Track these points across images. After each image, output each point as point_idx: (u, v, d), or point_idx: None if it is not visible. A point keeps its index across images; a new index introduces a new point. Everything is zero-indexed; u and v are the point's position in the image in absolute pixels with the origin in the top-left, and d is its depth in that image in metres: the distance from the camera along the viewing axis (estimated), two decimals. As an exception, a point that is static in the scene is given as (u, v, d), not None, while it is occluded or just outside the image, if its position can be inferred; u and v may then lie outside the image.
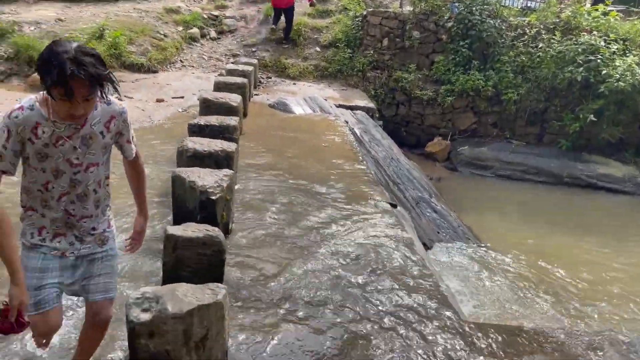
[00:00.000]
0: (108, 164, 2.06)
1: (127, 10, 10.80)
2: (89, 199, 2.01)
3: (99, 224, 2.09)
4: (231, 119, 5.59)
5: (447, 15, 10.34)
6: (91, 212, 2.04)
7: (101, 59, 1.75)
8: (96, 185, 2.01)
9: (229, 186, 3.80)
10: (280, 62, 10.67)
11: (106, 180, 2.07)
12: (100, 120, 1.90)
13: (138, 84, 8.38)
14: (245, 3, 13.20)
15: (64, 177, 1.92)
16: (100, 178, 2.01)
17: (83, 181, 1.95)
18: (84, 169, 1.93)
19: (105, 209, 2.12)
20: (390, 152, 8.15)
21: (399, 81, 10.26)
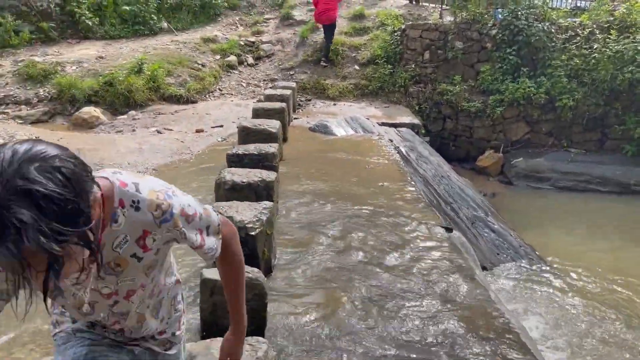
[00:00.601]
0: (169, 269, 1.53)
1: (165, 43, 10.96)
2: (146, 321, 1.50)
3: (165, 328, 1.60)
4: (270, 146, 5.38)
5: (491, 22, 9.92)
6: (152, 328, 1.54)
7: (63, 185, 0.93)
8: (155, 302, 1.50)
9: (269, 220, 3.55)
10: (319, 83, 10.51)
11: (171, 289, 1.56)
12: (127, 238, 1.26)
13: (177, 116, 8.37)
14: (281, 27, 13.21)
15: (97, 308, 1.39)
16: (158, 294, 1.50)
17: (128, 309, 1.42)
18: (123, 296, 1.38)
19: (173, 312, 1.61)
20: (440, 170, 7.75)
21: (443, 94, 9.87)
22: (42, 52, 10.00)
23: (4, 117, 7.88)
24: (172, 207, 1.28)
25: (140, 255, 1.31)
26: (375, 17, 12.46)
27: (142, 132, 7.49)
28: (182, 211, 1.30)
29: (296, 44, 12.03)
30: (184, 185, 5.26)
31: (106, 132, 7.58)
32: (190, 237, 1.34)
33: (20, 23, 10.28)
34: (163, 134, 7.33)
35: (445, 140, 10.19)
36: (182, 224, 1.31)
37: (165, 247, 1.37)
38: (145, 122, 7.98)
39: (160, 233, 1.29)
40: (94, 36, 11.15)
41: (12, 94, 8.50)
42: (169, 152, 6.45)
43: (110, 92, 8.62)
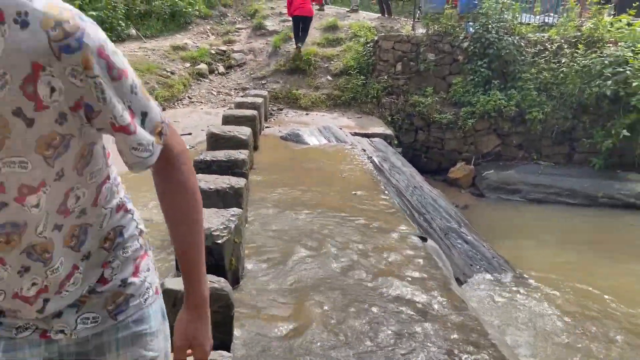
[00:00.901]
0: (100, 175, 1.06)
1: (133, 49, 10.68)
2: (58, 254, 1.00)
3: (110, 274, 1.12)
4: (240, 152, 5.21)
5: (462, 35, 10.01)
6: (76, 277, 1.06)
7: None
8: (73, 225, 1.02)
9: (238, 227, 3.37)
10: (291, 93, 10.39)
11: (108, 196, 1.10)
12: (5, 78, 0.79)
13: (144, 123, 8.10)
14: (254, 36, 13.09)
15: None
16: (79, 215, 1.02)
17: (24, 219, 0.92)
18: (13, 195, 0.89)
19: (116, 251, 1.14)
20: (413, 180, 7.69)
21: (416, 106, 9.88)
22: None
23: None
24: (83, 32, 0.82)
25: (30, 114, 0.82)
26: (348, 29, 12.47)
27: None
28: (100, 49, 0.85)
29: (268, 53, 11.92)
30: (148, 192, 5.02)
31: (68, 139, 7.26)
32: (113, 104, 0.89)
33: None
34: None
35: (417, 152, 10.17)
36: (99, 70, 0.85)
37: (75, 119, 0.89)
38: (110, 128, 7.69)
39: (60, 73, 0.82)
40: (59, 41, 10.80)
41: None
42: (134, 160, 6.18)
43: (73, 97, 8.30)
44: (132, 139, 0.96)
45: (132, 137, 0.96)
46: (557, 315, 5.18)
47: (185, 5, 13.07)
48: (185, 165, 1.10)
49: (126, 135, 0.95)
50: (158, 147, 1.02)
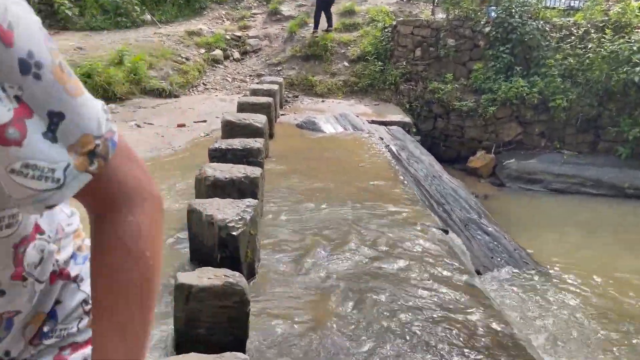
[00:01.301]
0: None
1: (148, 35, 10.61)
2: None
3: None
4: (255, 141, 5.10)
5: (484, 19, 9.74)
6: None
7: None
8: None
9: (253, 219, 3.27)
10: (307, 79, 10.24)
11: None
12: None
13: (159, 110, 8.04)
14: (269, 22, 12.92)
15: None
16: None
17: None
18: None
19: None
20: (432, 170, 7.53)
21: (435, 92, 9.67)
22: (18, 42, 9.58)
23: (-26, 108, 7.49)
24: None
25: None
26: (366, 14, 12.23)
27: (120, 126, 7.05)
28: None
29: (284, 39, 11.75)
30: (163, 181, 4.96)
31: (82, 126, 7.23)
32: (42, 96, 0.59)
33: (-6, 11, 9.85)
34: (142, 128, 7.00)
35: (436, 140, 9.98)
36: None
37: None
38: (125, 115, 7.63)
39: None
40: (74, 27, 10.76)
41: (-16, 84, 8.11)
42: (148, 147, 6.13)
43: (88, 84, 8.24)
44: (13, 153, 0.57)
45: (13, 150, 0.57)
46: (581, 310, 5.04)
47: (200, -10, 12.95)
48: (144, 219, 0.71)
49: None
50: (80, 177, 0.63)
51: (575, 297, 5.30)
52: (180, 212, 4.13)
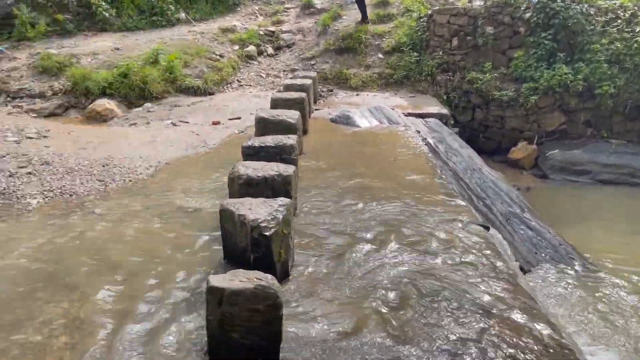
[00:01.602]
0: None
1: (183, 33, 10.71)
2: None
3: None
4: (289, 137, 5.03)
5: (524, 5, 9.37)
6: None
7: None
8: None
9: (286, 218, 3.21)
10: (341, 73, 10.12)
11: None
12: None
13: (194, 108, 8.09)
14: (302, 16, 12.85)
15: None
16: None
17: None
18: None
19: None
20: (471, 162, 7.31)
21: (473, 82, 9.39)
22: (58, 44, 9.84)
23: (18, 110, 7.72)
24: None
25: None
26: (400, 4, 12.00)
27: (156, 124, 7.23)
28: None
29: (317, 32, 11.66)
30: (197, 180, 4.96)
31: (120, 125, 7.34)
32: None
33: (36, 15, 10.14)
34: (178, 127, 7.05)
35: (475, 131, 9.71)
36: None
37: None
38: (160, 114, 7.72)
39: None
40: (111, 28, 10.97)
41: (27, 87, 8.34)
42: (183, 145, 6.16)
43: (125, 84, 8.39)
44: None
45: None
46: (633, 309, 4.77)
47: (233, -14, 12.99)
48: None
49: None
50: None
51: (627, 294, 5.03)
52: (213, 210, 4.11)
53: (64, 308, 2.79)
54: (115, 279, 3.13)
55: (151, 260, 3.37)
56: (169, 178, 5.04)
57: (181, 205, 4.33)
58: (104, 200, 4.44)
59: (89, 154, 5.42)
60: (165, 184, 4.88)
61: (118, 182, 4.86)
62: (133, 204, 4.36)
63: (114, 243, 3.61)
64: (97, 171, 5.00)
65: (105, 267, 3.27)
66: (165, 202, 4.39)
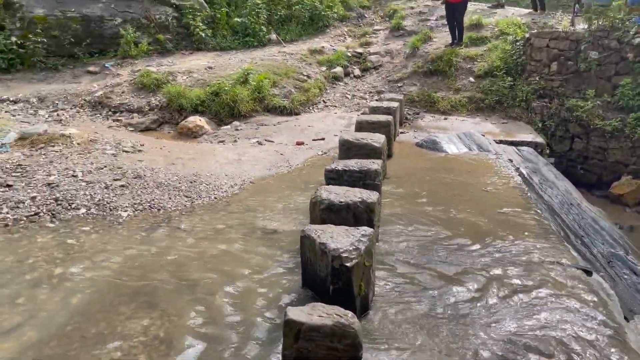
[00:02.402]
0: None
1: (273, 54, 10.98)
2: None
3: None
4: (373, 162, 4.91)
5: (634, 29, 8.67)
6: None
7: None
8: None
9: (369, 249, 3.07)
10: (429, 96, 9.87)
11: None
12: None
13: (279, 127, 8.20)
14: (391, 38, 12.78)
15: None
16: None
17: None
18: None
19: None
20: (568, 197, 6.78)
21: (573, 110, 8.78)
22: (158, 62, 10.43)
23: (117, 124, 8.21)
24: None
25: None
26: (494, 27, 11.59)
27: (243, 142, 7.39)
28: None
29: (406, 55, 11.51)
30: (279, 201, 4.95)
31: (208, 142, 7.58)
32: None
33: (139, 35, 10.84)
34: (263, 146, 7.16)
35: (572, 163, 9.05)
36: None
37: None
38: (247, 132, 7.89)
39: None
40: (206, 47, 11.49)
41: (127, 102, 8.88)
42: (267, 164, 6.22)
43: (216, 102, 8.70)
44: None
45: None
46: None
47: (324, 9, 13.19)
48: None
49: None
50: None
51: None
52: (293, 233, 4.06)
53: (144, 326, 2.81)
54: (194, 299, 3.13)
55: (231, 281, 3.36)
56: (252, 197, 5.08)
57: (263, 226, 4.33)
58: (189, 216, 4.54)
59: (178, 170, 5.61)
60: (248, 203, 4.92)
61: (204, 199, 4.96)
62: (216, 222, 4.42)
63: (196, 261, 3.65)
64: (185, 187, 5.14)
65: (185, 285, 3.30)
66: (247, 222, 4.41)
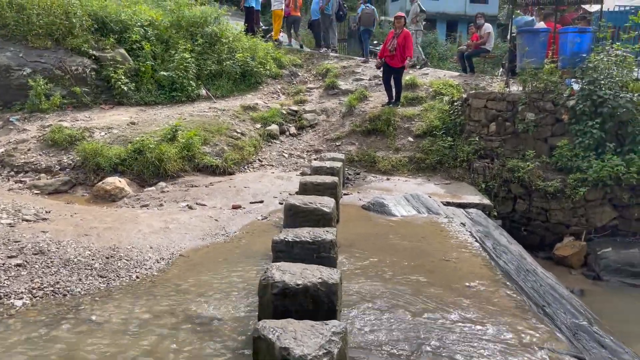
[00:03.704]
0: None
1: (203, 109, 10.38)
2: None
3: None
4: (327, 231, 4.35)
5: (567, 92, 8.95)
6: None
7: None
8: None
9: (342, 352, 2.44)
10: (369, 155, 9.61)
11: None
12: None
13: (212, 189, 7.49)
14: (326, 96, 12.62)
15: None
16: None
17: None
18: None
19: None
20: (523, 262, 6.51)
21: (514, 171, 8.77)
22: (72, 117, 9.49)
23: (20, 186, 7.16)
24: None
25: None
26: (429, 87, 11.74)
27: (170, 207, 6.59)
28: None
29: (342, 113, 11.32)
30: (216, 278, 4.21)
31: (130, 207, 6.70)
32: None
33: (52, 87, 9.89)
34: (194, 210, 6.41)
35: (515, 224, 8.96)
36: None
37: None
38: (176, 195, 7.11)
39: None
40: (129, 102, 10.69)
41: (33, 160, 7.85)
42: (200, 233, 5.47)
43: (139, 160, 7.87)
44: None
45: None
46: None
47: (256, 65, 12.87)
48: None
49: None
50: None
51: None
52: (237, 322, 3.35)
53: None
54: None
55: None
56: (183, 275, 4.31)
57: (197, 313, 3.57)
58: (104, 303, 3.70)
59: (91, 242, 4.73)
60: (178, 282, 4.14)
61: (123, 279, 4.13)
62: (139, 309, 3.61)
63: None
64: (100, 264, 4.29)
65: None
66: (177, 308, 3.64)
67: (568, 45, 9.23)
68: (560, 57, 9.40)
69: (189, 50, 11.66)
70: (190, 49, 11.71)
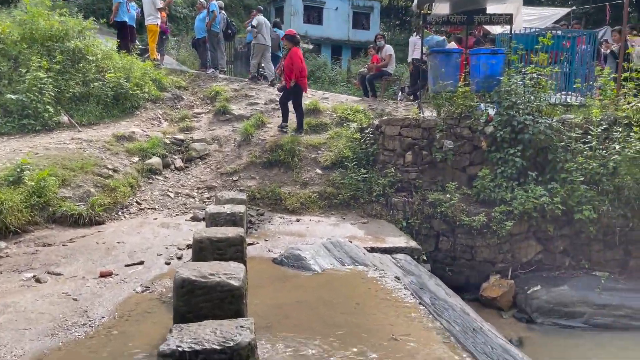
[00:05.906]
0: None
1: (63, 141, 8.49)
2: None
3: None
4: (240, 326, 3.02)
5: (484, 117, 8.45)
6: None
7: None
8: None
9: None
10: (273, 191, 8.36)
11: None
12: None
13: (73, 247, 5.77)
14: (217, 122, 11.24)
15: None
16: None
17: None
18: None
19: None
20: (468, 319, 5.61)
21: (436, 206, 8.01)
22: None
23: None
24: None
25: None
26: (333, 112, 10.85)
27: (7, 281, 4.79)
28: None
29: (237, 142, 10.02)
30: None
31: (-55, 283, 4.79)
32: None
33: None
34: (44, 284, 4.69)
35: (439, 264, 8.18)
36: None
37: None
38: (18, 260, 5.29)
39: None
40: (-38, 132, 8.49)
41: None
42: (49, 325, 3.83)
43: (-35, 213, 5.90)
44: None
45: None
46: None
47: (132, 87, 11.13)
48: None
49: None
50: None
51: None
52: None
53: None
54: None
55: None
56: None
57: None
58: None
59: None
60: None
61: None
62: None
63: None
64: None
65: None
66: None
67: (481, 67, 8.79)
68: (474, 80, 8.94)
69: (45, 68, 9.69)
70: (46, 67, 9.75)
